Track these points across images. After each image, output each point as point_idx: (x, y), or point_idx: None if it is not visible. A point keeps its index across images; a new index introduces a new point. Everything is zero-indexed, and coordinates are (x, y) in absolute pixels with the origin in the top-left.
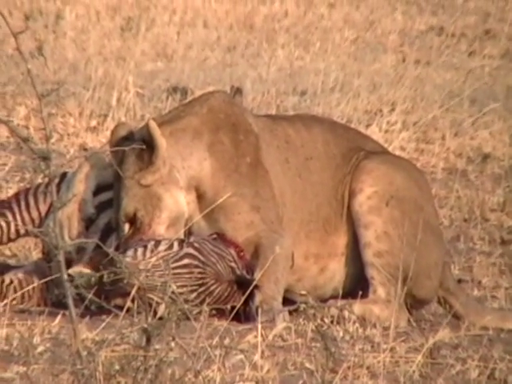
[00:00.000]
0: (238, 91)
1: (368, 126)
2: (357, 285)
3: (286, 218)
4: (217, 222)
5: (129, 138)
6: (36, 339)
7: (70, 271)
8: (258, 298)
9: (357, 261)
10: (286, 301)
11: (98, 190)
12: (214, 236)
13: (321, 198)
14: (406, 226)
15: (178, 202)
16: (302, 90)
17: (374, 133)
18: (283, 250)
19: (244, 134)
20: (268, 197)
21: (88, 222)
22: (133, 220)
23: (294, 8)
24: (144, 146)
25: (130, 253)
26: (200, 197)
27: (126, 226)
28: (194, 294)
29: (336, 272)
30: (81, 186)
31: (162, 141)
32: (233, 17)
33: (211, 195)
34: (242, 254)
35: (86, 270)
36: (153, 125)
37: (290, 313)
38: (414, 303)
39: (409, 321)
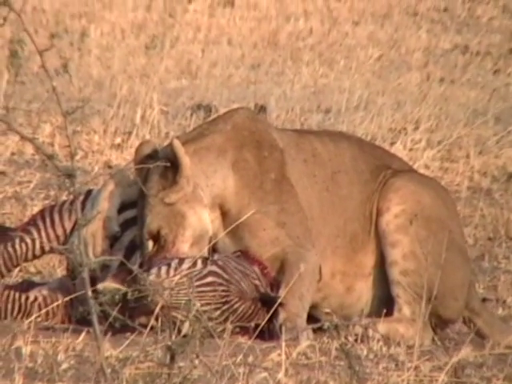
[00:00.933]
0: (262, 109)
1: (392, 143)
2: (383, 306)
3: (314, 231)
4: (242, 239)
5: (153, 156)
6: (60, 356)
7: (99, 286)
8: (281, 315)
9: (384, 282)
10: (311, 318)
11: (122, 208)
12: (238, 253)
13: (349, 212)
14: (432, 245)
15: (201, 219)
16: (327, 107)
17: (399, 151)
18: (309, 265)
19: (268, 150)
20: (294, 212)
21: (112, 240)
22: (156, 238)
23: (318, 26)
24: (168, 164)
25: (153, 271)
26: (224, 214)
27: (150, 244)
28: (218, 312)
29: (363, 292)
30: (105, 204)
31: (186, 160)
32: (257, 34)
33: (235, 212)
34: (265, 271)
35: (115, 285)
36: (177, 144)
37: (314, 331)
38: (439, 323)
39: (433, 339)
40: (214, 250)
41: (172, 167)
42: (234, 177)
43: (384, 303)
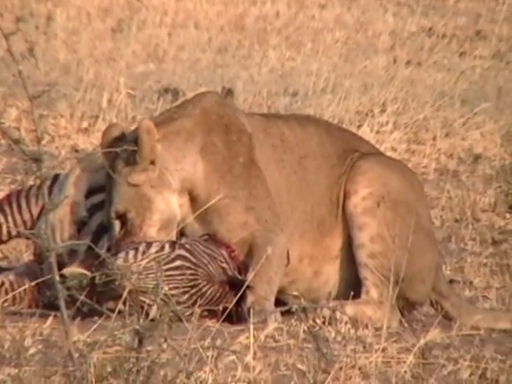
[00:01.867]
0: (229, 92)
1: (359, 126)
2: (350, 289)
3: (282, 216)
4: (210, 223)
5: (121, 138)
6: (27, 341)
7: (64, 271)
8: (249, 298)
9: (351, 265)
10: (279, 302)
11: (89, 193)
12: (206, 237)
13: (316, 197)
14: (399, 227)
15: (169, 204)
16: (294, 90)
17: (366, 133)
18: (277, 249)
19: (237, 135)
20: (262, 196)
21: (80, 225)
22: (124, 220)
23: (285, 9)
24: (135, 148)
25: (121, 255)
26: (193, 199)
27: (117, 225)
28: (186, 296)
29: (330, 276)
30: (72, 189)
31: (148, 142)
32: (224, 18)
33: (204, 197)
34: (233, 254)
35: (81, 270)
36: (143, 125)
37: (282, 314)
38: (406, 305)
39: (401, 321)
40: (182, 234)
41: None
42: (203, 161)
43: (351, 286)
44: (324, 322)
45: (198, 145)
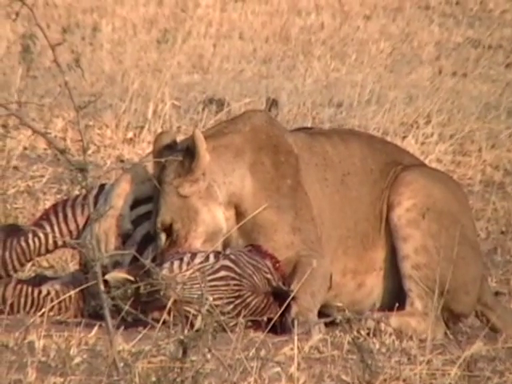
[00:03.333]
0: (273, 103)
1: (404, 138)
2: (394, 300)
3: (324, 235)
4: (256, 241)
5: (172, 146)
6: (73, 350)
7: (107, 276)
8: (293, 309)
9: (395, 275)
10: (323, 314)
11: (135, 203)
12: (250, 248)
13: (359, 213)
14: (443, 239)
15: (215, 217)
16: (338, 101)
17: (410, 145)
18: (321, 269)
19: (285, 156)
20: (308, 218)
21: (125, 237)
22: (169, 231)
23: (330, 20)
24: (180, 158)
25: (166, 265)
26: (240, 215)
27: (163, 236)
28: (231, 306)
29: (374, 287)
30: (119, 201)
31: (204, 152)
32: (269, 29)
33: (251, 213)
34: (277, 265)
35: (123, 274)
36: (198, 134)
37: (327, 325)
38: (451, 317)
39: (445, 333)
40: (225, 247)
41: (190, 157)
42: (252, 178)
43: (395, 297)
44: (368, 334)
45: (248, 161)
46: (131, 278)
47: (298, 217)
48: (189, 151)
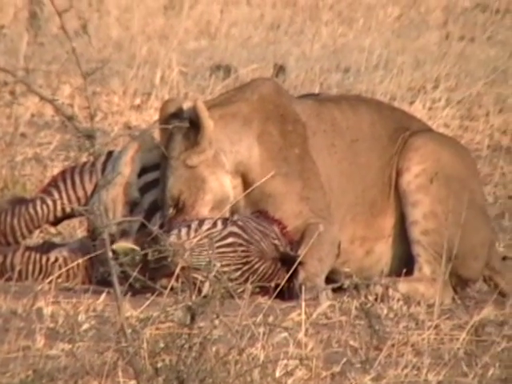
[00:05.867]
0: (281, 69)
1: (411, 103)
2: (403, 266)
3: (333, 202)
4: (265, 211)
5: (178, 115)
6: (81, 317)
7: (114, 246)
8: (301, 275)
9: (403, 242)
10: (330, 281)
11: (143, 171)
12: (257, 214)
13: (367, 180)
14: (452, 204)
15: (223, 185)
16: (346, 67)
17: (418, 110)
18: (329, 234)
19: (292, 125)
20: (316, 187)
21: (132, 205)
22: (177, 202)
23: None
24: (188, 125)
25: (174, 232)
26: (247, 184)
27: (171, 206)
28: (239, 273)
29: (382, 254)
30: (126, 169)
31: (208, 122)
32: None
33: (259, 183)
34: (285, 230)
35: (130, 244)
36: (200, 105)
37: (334, 291)
38: (459, 282)
39: (453, 298)
40: (233, 215)
41: (195, 128)
42: (259, 148)
43: (404, 263)
44: (376, 299)
45: (255, 131)
46: (138, 249)
47: (306, 186)
48: (193, 123)
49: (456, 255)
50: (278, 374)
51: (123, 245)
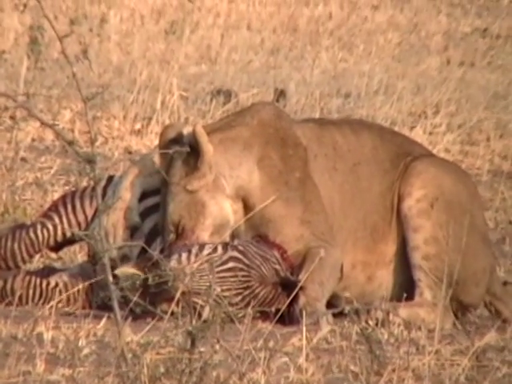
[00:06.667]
0: (281, 94)
1: (412, 128)
2: (404, 291)
3: (335, 226)
4: (265, 235)
5: (178, 140)
6: (81, 342)
7: (117, 271)
8: (301, 300)
9: (405, 267)
10: (331, 305)
11: (143, 196)
12: (258, 238)
13: (369, 205)
14: (453, 229)
15: (223, 209)
16: (346, 92)
17: (419, 135)
18: (331, 258)
19: (293, 149)
20: (318, 210)
21: (133, 230)
22: (177, 227)
23: (337, 10)
24: (188, 149)
25: (174, 257)
26: (248, 208)
27: (172, 232)
28: (239, 298)
29: (384, 279)
30: (126, 194)
31: (208, 147)
32: (276, 19)
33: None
34: (285, 255)
35: (132, 270)
36: (199, 130)
37: (335, 315)
38: (460, 307)
39: (454, 324)
40: (233, 239)
41: (195, 153)
42: (260, 172)
43: (405, 288)
44: (377, 324)
45: (255, 155)
46: (141, 274)
47: (308, 209)
48: (193, 148)
49: (457, 280)
50: None
51: (126, 270)
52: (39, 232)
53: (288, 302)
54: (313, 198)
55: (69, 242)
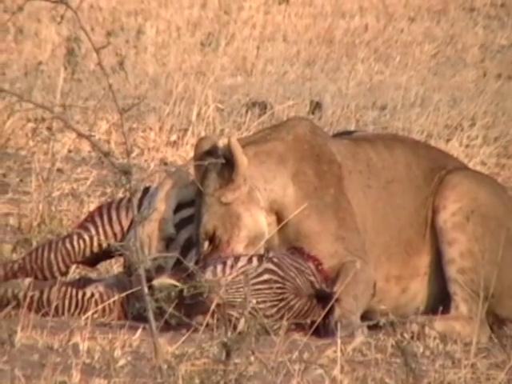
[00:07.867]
0: (317, 106)
1: (448, 140)
2: (439, 304)
3: (367, 242)
4: (300, 247)
5: (212, 152)
6: (117, 352)
7: (154, 282)
8: (336, 312)
9: (439, 280)
10: (366, 318)
11: (178, 207)
12: (292, 250)
13: (402, 221)
14: (489, 242)
15: (257, 221)
16: (382, 104)
17: (455, 148)
18: (365, 273)
19: (328, 165)
20: (352, 227)
21: (168, 241)
22: (212, 238)
23: (374, 22)
24: (223, 161)
25: (209, 268)
26: (282, 222)
27: (206, 243)
28: (274, 310)
29: (418, 292)
30: (162, 206)
31: (242, 159)
32: (312, 31)
33: (295, 222)
34: (320, 267)
35: (171, 280)
36: (234, 142)
37: (370, 328)
38: (496, 321)
39: (490, 337)
40: (268, 251)
41: (229, 166)
42: (294, 187)
43: (439, 301)
44: (412, 337)
45: (290, 170)
46: (178, 285)
47: (342, 225)
48: (227, 160)
49: (493, 294)
50: None
51: (163, 281)
52: (75, 243)
53: (323, 314)
54: (347, 215)
55: (105, 255)
